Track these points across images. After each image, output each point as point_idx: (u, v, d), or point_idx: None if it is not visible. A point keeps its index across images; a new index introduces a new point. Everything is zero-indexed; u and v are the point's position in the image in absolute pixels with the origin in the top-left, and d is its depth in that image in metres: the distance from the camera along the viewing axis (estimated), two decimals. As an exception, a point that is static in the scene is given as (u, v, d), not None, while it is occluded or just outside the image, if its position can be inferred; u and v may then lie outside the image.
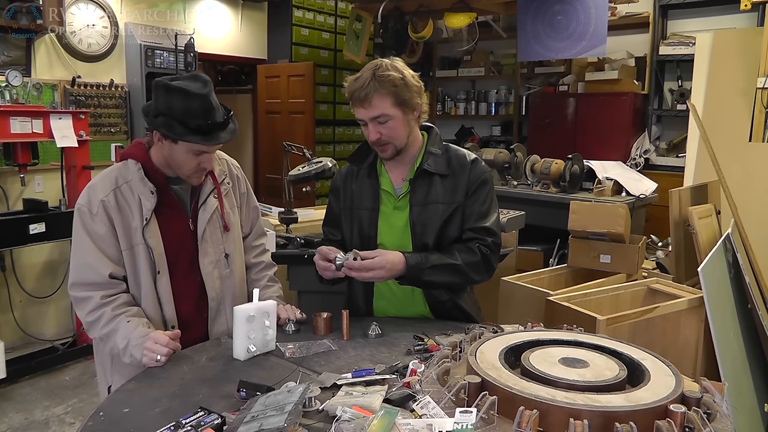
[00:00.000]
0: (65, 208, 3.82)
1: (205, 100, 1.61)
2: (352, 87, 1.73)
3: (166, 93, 1.61)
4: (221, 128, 1.66)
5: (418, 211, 1.82)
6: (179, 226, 1.74)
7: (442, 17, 5.03)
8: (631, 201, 4.02)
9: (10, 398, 3.47)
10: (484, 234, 1.82)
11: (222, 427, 1.15)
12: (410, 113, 1.78)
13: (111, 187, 1.67)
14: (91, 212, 1.65)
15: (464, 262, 1.77)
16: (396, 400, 1.21)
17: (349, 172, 1.95)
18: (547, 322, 2.27)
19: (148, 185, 1.68)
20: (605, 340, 1.42)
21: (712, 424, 1.11)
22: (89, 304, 1.63)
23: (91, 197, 1.67)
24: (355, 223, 1.88)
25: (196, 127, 1.60)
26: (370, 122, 1.74)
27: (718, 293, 2.39)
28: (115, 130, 4.61)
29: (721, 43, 4.00)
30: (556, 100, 5.53)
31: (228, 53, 5.65)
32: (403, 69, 1.76)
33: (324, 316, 1.74)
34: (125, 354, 1.58)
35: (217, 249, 1.79)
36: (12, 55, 4.02)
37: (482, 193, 1.84)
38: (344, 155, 6.32)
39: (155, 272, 1.69)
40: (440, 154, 1.85)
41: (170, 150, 1.66)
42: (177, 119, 1.59)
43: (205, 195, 1.78)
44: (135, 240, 1.67)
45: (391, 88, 1.71)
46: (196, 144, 1.62)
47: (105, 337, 1.62)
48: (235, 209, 1.88)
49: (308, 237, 2.79)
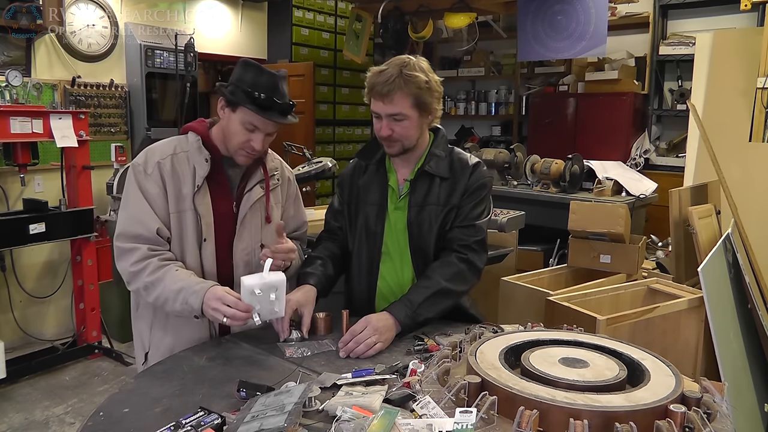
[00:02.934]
0: (65, 208, 3.82)
1: (274, 79, 1.67)
2: (375, 79, 1.72)
3: (244, 67, 1.69)
4: (279, 110, 1.68)
5: (416, 213, 1.81)
6: (224, 205, 1.76)
7: (442, 17, 5.03)
8: (631, 201, 4.02)
9: (10, 398, 3.47)
10: (470, 233, 1.80)
11: (222, 427, 1.15)
12: (426, 117, 1.78)
13: (169, 152, 1.72)
14: (146, 171, 1.68)
15: (445, 279, 1.74)
16: (396, 400, 1.21)
17: (357, 166, 1.95)
18: (547, 322, 2.27)
19: (204, 153, 1.71)
20: (605, 340, 1.42)
21: (712, 424, 1.11)
22: (135, 254, 1.63)
23: (148, 158, 1.71)
24: (361, 219, 1.88)
25: (257, 99, 1.63)
26: (386, 117, 1.74)
27: (718, 293, 2.39)
28: (115, 130, 4.61)
29: (721, 43, 4.00)
30: (556, 100, 5.53)
31: (228, 53, 5.65)
32: (428, 72, 1.75)
33: (324, 316, 1.74)
34: (177, 300, 1.58)
35: (253, 238, 1.80)
36: (12, 55, 4.02)
37: (478, 196, 1.84)
38: (344, 155, 6.33)
39: (201, 240, 1.71)
40: (443, 156, 1.85)
41: (228, 120, 1.69)
42: (242, 89, 1.64)
43: (253, 182, 1.80)
44: (184, 205, 1.69)
45: (414, 89, 1.70)
46: (251, 114, 1.64)
47: (150, 285, 1.61)
48: (280, 206, 1.89)
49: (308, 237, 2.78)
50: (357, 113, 6.64)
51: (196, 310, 1.57)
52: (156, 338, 1.75)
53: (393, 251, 1.86)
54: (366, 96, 1.78)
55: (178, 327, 1.72)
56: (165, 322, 1.74)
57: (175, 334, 1.72)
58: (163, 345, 1.73)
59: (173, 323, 1.72)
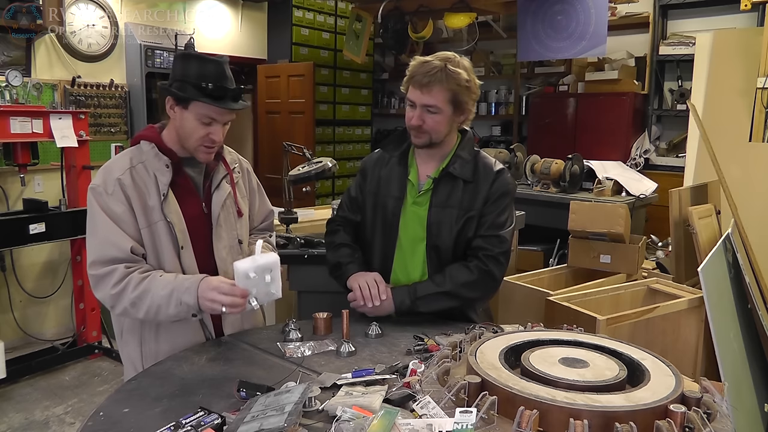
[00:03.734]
0: (65, 208, 3.82)
1: (220, 66, 1.64)
2: (418, 69, 1.74)
3: (183, 60, 1.66)
4: (232, 97, 1.65)
5: (436, 213, 1.82)
6: (193, 207, 1.72)
7: (442, 17, 5.03)
8: (631, 201, 4.02)
9: (10, 398, 3.46)
10: (494, 243, 1.81)
11: (222, 427, 1.15)
12: (459, 115, 1.79)
13: (126, 166, 1.65)
14: (107, 192, 1.61)
15: (457, 284, 1.77)
16: (396, 400, 1.21)
17: (380, 157, 1.96)
18: (547, 322, 2.27)
19: (163, 159, 1.66)
20: (605, 340, 1.42)
21: (712, 424, 1.11)
22: (113, 276, 1.55)
23: (106, 177, 1.63)
24: (379, 210, 1.89)
25: (208, 90, 1.60)
26: (420, 107, 1.75)
27: (718, 293, 2.38)
28: (115, 130, 4.61)
29: (721, 43, 4.00)
30: (556, 100, 5.52)
31: (228, 53, 5.64)
32: (470, 72, 1.77)
33: (324, 316, 1.74)
34: (170, 303, 1.54)
35: (230, 234, 1.78)
36: (12, 55, 4.02)
37: (501, 204, 1.83)
38: (344, 155, 6.33)
39: (178, 248, 1.66)
40: (468, 159, 1.85)
41: (181, 119, 1.64)
42: (190, 83, 1.60)
43: (218, 179, 1.77)
44: (154, 218, 1.64)
45: (454, 85, 1.72)
46: (206, 107, 1.61)
47: (137, 300, 1.55)
48: (246, 200, 1.88)
49: (308, 237, 2.78)
50: (357, 113, 6.64)
51: (193, 307, 1.53)
52: (149, 356, 1.68)
53: (406, 245, 1.87)
54: (404, 84, 1.79)
55: (172, 336, 1.68)
56: (155, 335, 1.69)
57: (170, 344, 1.67)
58: (160, 357, 1.66)
59: (165, 334, 1.68)
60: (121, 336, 1.75)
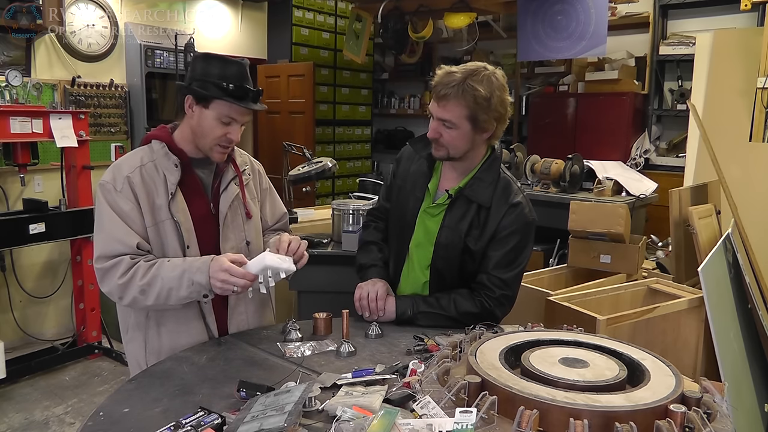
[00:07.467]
0: (65, 208, 3.82)
1: (242, 68, 1.67)
2: (440, 80, 1.67)
3: (205, 60, 1.67)
4: (253, 98, 1.68)
5: (446, 235, 1.78)
6: (201, 207, 1.73)
7: (442, 17, 5.03)
8: (631, 201, 4.02)
9: (10, 398, 3.46)
10: (497, 284, 1.75)
11: (222, 427, 1.15)
12: (480, 133, 1.71)
13: (136, 165, 1.67)
14: (116, 189, 1.63)
15: (459, 312, 1.75)
16: (396, 400, 1.21)
17: (413, 153, 1.91)
18: (547, 322, 2.27)
19: (172, 158, 1.68)
20: (605, 340, 1.42)
21: (712, 424, 1.11)
22: (120, 267, 1.57)
23: (116, 174, 1.65)
24: (401, 206, 1.88)
25: (230, 90, 1.62)
26: (437, 120, 1.70)
27: (718, 293, 2.38)
28: (115, 130, 4.61)
29: (721, 43, 4.00)
30: (556, 100, 5.52)
31: (228, 53, 5.63)
32: (497, 89, 1.66)
33: (324, 316, 1.74)
34: (182, 285, 1.56)
35: (238, 236, 1.78)
36: (12, 55, 4.02)
37: (510, 242, 1.75)
38: (344, 155, 6.33)
39: (184, 247, 1.67)
40: (489, 183, 1.77)
41: (200, 117, 1.66)
42: (212, 82, 1.62)
43: (227, 181, 1.78)
44: (161, 216, 1.65)
45: (471, 101, 1.63)
46: (228, 106, 1.63)
47: (147, 286, 1.56)
48: (256, 201, 1.88)
49: (308, 237, 2.79)
50: (357, 113, 6.64)
51: (205, 286, 1.56)
52: (152, 353, 1.70)
53: (413, 249, 1.86)
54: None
55: (175, 334, 1.69)
56: (158, 332, 1.70)
57: (173, 341, 1.68)
58: (163, 355, 1.68)
59: (168, 333, 1.69)
60: (127, 332, 1.76)
